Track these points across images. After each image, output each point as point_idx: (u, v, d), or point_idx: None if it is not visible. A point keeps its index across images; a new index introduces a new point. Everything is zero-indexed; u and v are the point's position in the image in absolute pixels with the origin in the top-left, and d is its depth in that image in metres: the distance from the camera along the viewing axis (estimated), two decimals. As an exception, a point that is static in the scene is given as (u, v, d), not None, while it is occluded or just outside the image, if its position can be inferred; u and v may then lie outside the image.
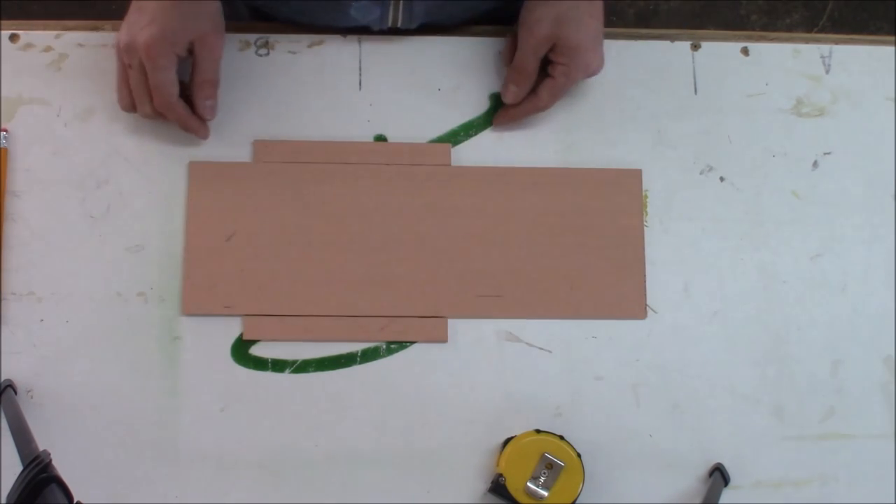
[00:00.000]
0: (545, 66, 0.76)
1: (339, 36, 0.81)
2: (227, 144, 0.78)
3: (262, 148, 0.78)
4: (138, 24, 0.70)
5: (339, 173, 0.78)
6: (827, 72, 0.84)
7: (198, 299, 0.75)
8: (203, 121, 0.76)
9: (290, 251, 0.76)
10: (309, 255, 0.76)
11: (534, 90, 0.76)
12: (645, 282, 0.78)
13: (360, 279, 0.76)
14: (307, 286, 0.75)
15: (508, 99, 0.78)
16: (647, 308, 0.77)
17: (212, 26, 0.72)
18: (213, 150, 0.78)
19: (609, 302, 0.77)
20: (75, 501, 0.56)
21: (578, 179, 0.79)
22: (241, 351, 0.75)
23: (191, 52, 0.72)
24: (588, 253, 0.77)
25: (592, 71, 0.76)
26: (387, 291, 0.76)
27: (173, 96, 0.72)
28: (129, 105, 0.74)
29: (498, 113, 0.79)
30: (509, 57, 0.79)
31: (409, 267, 0.76)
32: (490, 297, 0.76)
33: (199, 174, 0.77)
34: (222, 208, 0.76)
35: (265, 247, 0.76)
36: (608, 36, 0.83)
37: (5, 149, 0.76)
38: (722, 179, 0.81)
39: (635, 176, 0.79)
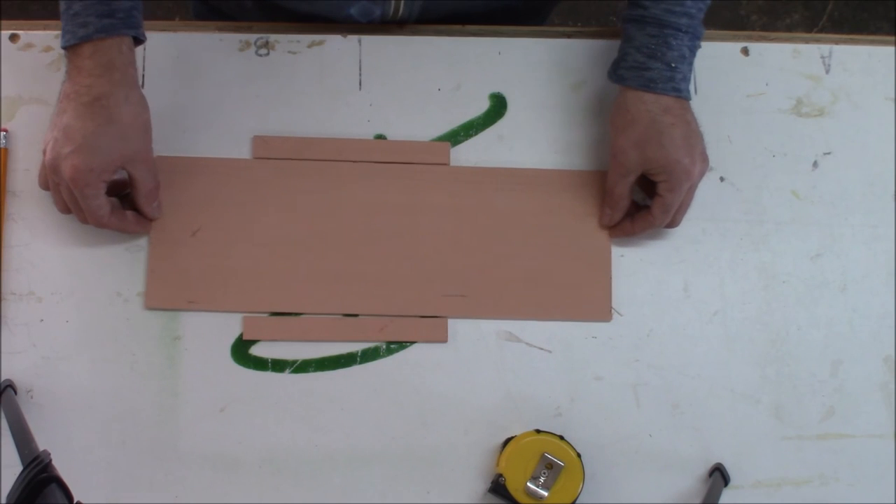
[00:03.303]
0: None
1: (339, 36, 0.81)
2: (228, 144, 0.78)
3: (261, 144, 0.78)
4: (63, 148, 0.67)
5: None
6: (827, 72, 0.84)
7: (162, 293, 0.74)
8: (146, 220, 0.75)
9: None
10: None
11: (647, 207, 0.75)
12: (611, 283, 0.77)
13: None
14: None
15: (604, 222, 0.78)
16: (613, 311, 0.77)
17: (140, 142, 0.70)
18: (214, 149, 0.78)
19: (579, 303, 0.77)
20: (75, 501, 0.56)
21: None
22: (241, 351, 0.75)
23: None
24: (554, 254, 0.77)
25: (695, 176, 0.73)
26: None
27: (105, 216, 0.71)
28: (66, 210, 0.72)
29: (614, 228, 0.78)
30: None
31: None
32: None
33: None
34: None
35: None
36: (609, 36, 0.83)
37: (5, 149, 0.76)
38: (722, 179, 0.81)
39: None
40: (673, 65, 0.71)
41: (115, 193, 0.73)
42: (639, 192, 0.77)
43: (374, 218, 0.77)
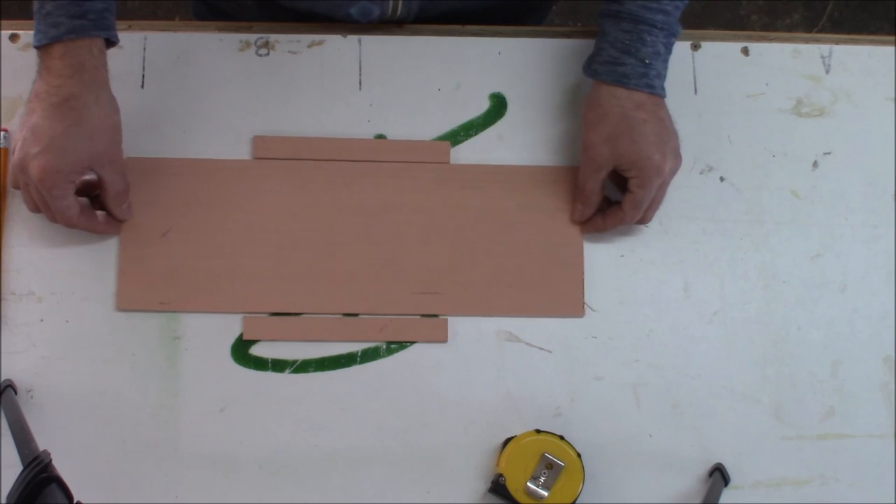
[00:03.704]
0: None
1: (339, 36, 0.81)
2: (228, 144, 0.78)
3: (261, 144, 0.78)
4: (30, 148, 0.67)
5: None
6: (827, 72, 0.84)
7: (132, 295, 0.74)
8: (116, 221, 0.75)
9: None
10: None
11: (618, 203, 0.75)
12: (583, 278, 0.77)
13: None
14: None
15: (575, 217, 0.78)
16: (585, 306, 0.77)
17: (108, 144, 0.70)
18: (214, 149, 0.78)
19: (549, 298, 0.77)
20: (75, 501, 0.56)
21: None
22: (241, 351, 0.75)
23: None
24: (526, 251, 0.77)
25: (666, 172, 0.73)
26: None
27: (74, 217, 0.71)
28: (35, 209, 0.72)
29: (586, 223, 0.78)
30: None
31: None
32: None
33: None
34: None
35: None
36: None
37: (5, 149, 0.76)
38: (722, 179, 0.81)
39: None
40: (647, 61, 0.71)
41: (86, 194, 0.73)
42: (611, 188, 0.77)
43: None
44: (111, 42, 0.70)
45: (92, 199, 0.74)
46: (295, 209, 0.77)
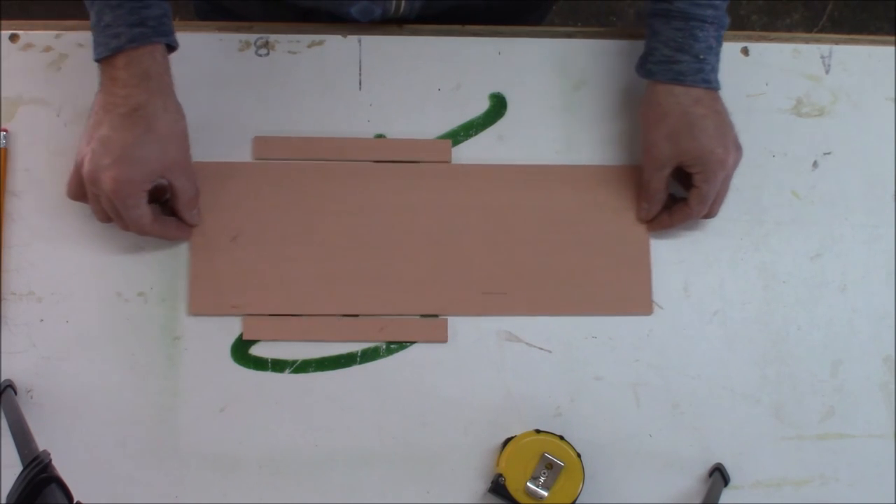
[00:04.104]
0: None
1: (339, 36, 0.81)
2: (228, 144, 0.78)
3: (261, 144, 0.78)
4: (102, 160, 0.67)
5: (338, 170, 0.78)
6: (827, 72, 0.84)
7: (204, 299, 0.75)
8: (187, 226, 0.75)
9: (291, 250, 0.76)
10: (309, 254, 0.76)
11: (685, 199, 0.76)
12: (650, 277, 0.78)
13: (360, 279, 0.76)
14: (307, 286, 0.75)
15: (641, 216, 0.78)
16: (654, 304, 0.77)
17: (178, 151, 0.70)
18: (214, 149, 0.78)
19: (613, 298, 0.77)
20: (75, 501, 0.56)
21: (581, 177, 0.79)
22: (241, 351, 0.75)
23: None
24: (592, 250, 0.77)
25: (730, 165, 0.73)
26: (387, 291, 0.76)
27: (148, 225, 0.71)
28: (106, 219, 0.72)
29: (653, 222, 0.78)
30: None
31: (409, 266, 0.76)
32: (494, 295, 0.76)
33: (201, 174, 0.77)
34: (224, 207, 0.76)
35: (267, 246, 0.76)
36: (609, 36, 0.83)
37: (5, 149, 0.76)
38: (722, 179, 0.81)
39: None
40: (701, 56, 0.72)
41: (155, 200, 0.73)
42: (673, 184, 0.77)
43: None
44: (171, 47, 0.70)
45: (161, 205, 0.74)
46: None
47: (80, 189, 0.71)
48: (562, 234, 0.78)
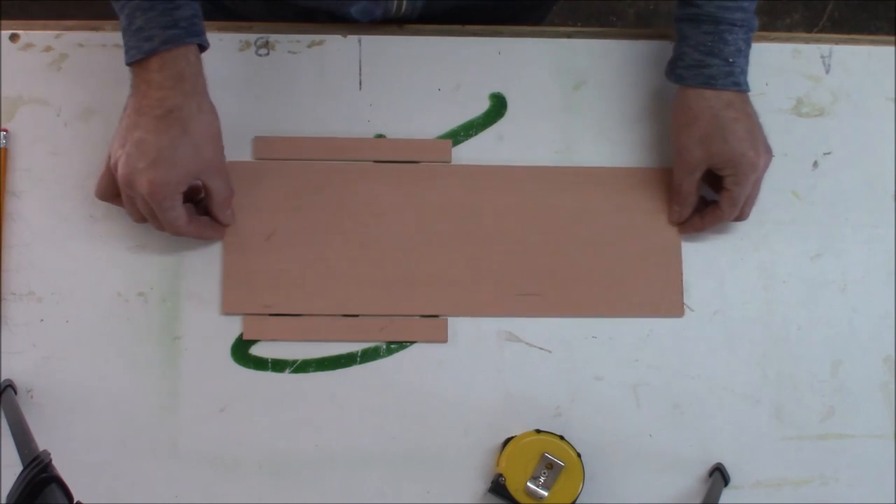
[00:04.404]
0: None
1: (339, 36, 0.81)
2: (228, 144, 0.78)
3: (261, 144, 0.78)
4: (138, 163, 0.66)
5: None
6: (827, 72, 0.84)
7: (237, 298, 0.75)
8: (221, 226, 0.75)
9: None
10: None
11: (716, 202, 0.76)
12: (682, 279, 0.78)
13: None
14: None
15: (673, 219, 0.78)
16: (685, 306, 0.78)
17: (213, 152, 0.70)
18: (213, 150, 0.78)
19: (644, 300, 0.77)
20: (75, 501, 0.56)
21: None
22: (241, 351, 0.75)
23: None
24: (610, 251, 0.78)
25: (761, 167, 0.73)
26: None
27: (183, 227, 0.71)
28: (141, 220, 0.72)
29: (685, 224, 0.78)
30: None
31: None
32: (529, 296, 0.76)
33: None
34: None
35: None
36: (610, 36, 0.83)
37: (5, 149, 0.76)
38: (722, 179, 0.81)
39: (664, 174, 0.79)
40: (731, 60, 0.72)
41: (190, 200, 0.73)
42: (704, 188, 0.77)
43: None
44: (203, 47, 0.70)
45: (195, 204, 0.74)
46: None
47: (111, 190, 0.71)
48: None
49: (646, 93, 0.81)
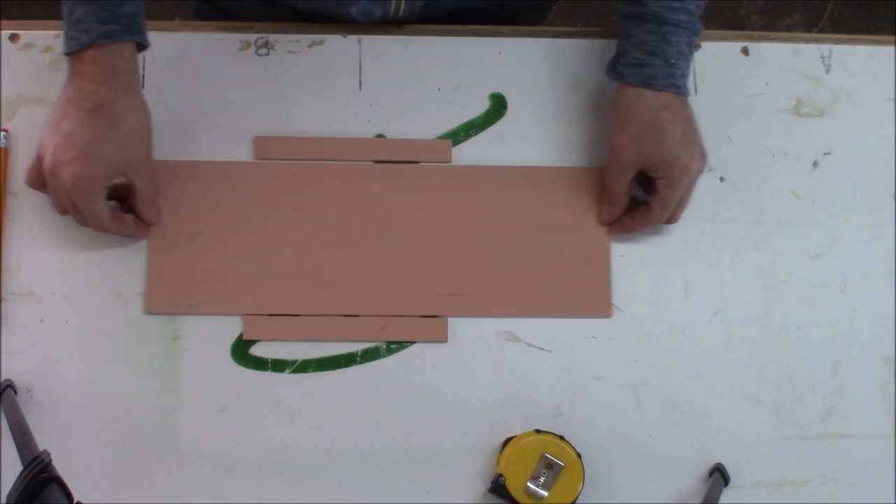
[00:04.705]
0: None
1: (339, 36, 0.81)
2: (228, 144, 0.78)
3: (261, 144, 0.78)
4: (63, 155, 0.67)
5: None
6: (827, 72, 0.84)
7: (162, 297, 0.74)
8: (146, 224, 0.75)
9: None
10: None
11: (646, 204, 0.76)
12: (610, 279, 0.77)
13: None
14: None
15: (603, 218, 0.78)
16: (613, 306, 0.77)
17: (141, 149, 0.70)
18: (214, 149, 0.78)
19: (573, 300, 0.77)
20: (75, 501, 0.56)
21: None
22: (241, 351, 0.75)
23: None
24: (568, 251, 0.77)
25: (694, 172, 0.73)
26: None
27: (106, 221, 0.71)
28: (64, 212, 0.72)
29: (614, 224, 0.78)
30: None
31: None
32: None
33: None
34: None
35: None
36: (609, 36, 0.83)
37: (5, 149, 0.76)
38: (722, 179, 0.81)
39: None
40: (672, 61, 0.71)
41: (116, 197, 0.73)
42: (637, 189, 0.77)
43: (375, 217, 0.77)
44: (142, 46, 0.70)
45: (120, 201, 0.74)
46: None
47: (40, 179, 0.71)
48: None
49: (646, 93, 0.81)
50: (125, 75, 0.68)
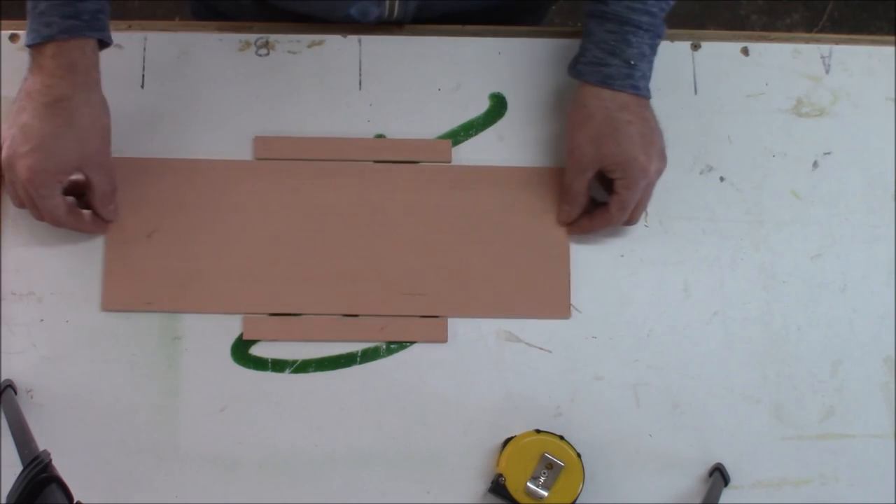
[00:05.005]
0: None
1: (339, 36, 0.81)
2: (228, 144, 0.78)
3: (262, 144, 0.78)
4: (19, 147, 0.67)
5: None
6: (827, 72, 0.84)
7: (118, 295, 0.74)
8: (103, 221, 0.74)
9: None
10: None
11: (605, 205, 0.75)
12: (569, 280, 0.77)
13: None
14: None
15: (561, 218, 0.77)
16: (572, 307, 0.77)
17: (97, 145, 0.70)
18: (214, 149, 0.78)
19: (535, 300, 0.76)
20: (75, 501, 0.56)
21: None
22: (241, 351, 0.75)
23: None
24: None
25: (652, 173, 0.73)
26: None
27: (61, 216, 0.71)
28: (21, 205, 0.72)
29: (573, 225, 0.77)
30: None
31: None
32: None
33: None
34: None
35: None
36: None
37: (5, 149, 0.76)
38: (722, 179, 0.81)
39: None
40: (632, 62, 0.71)
41: (74, 193, 0.73)
42: (598, 189, 0.77)
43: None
44: (104, 43, 0.70)
45: (79, 197, 0.74)
46: (295, 209, 0.77)
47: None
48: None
49: (646, 93, 0.81)
50: (84, 72, 0.68)
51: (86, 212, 0.74)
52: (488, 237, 0.77)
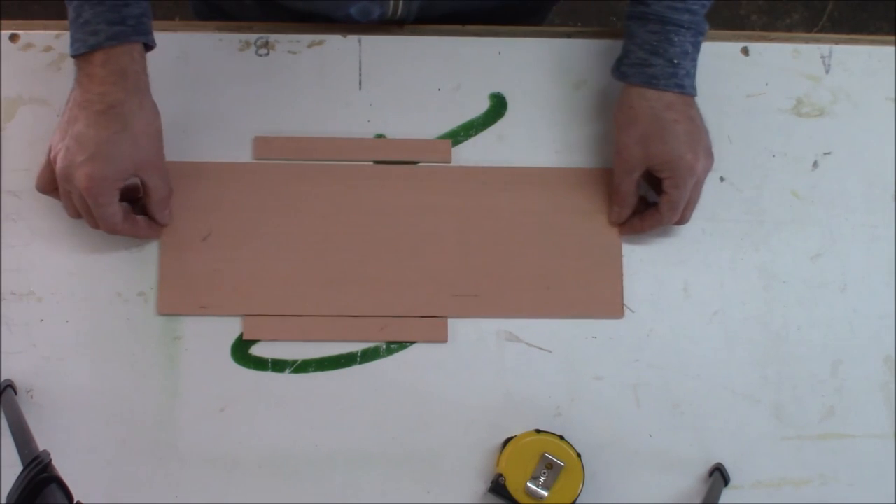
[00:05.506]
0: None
1: (339, 36, 0.81)
2: (228, 144, 0.78)
3: (262, 144, 0.78)
4: (76, 157, 0.67)
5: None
6: (827, 72, 0.84)
7: (173, 299, 0.74)
8: (157, 226, 0.75)
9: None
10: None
11: (657, 205, 0.75)
12: (622, 281, 0.77)
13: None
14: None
15: (612, 219, 0.78)
16: (625, 308, 0.77)
17: (153, 149, 0.70)
18: (214, 149, 0.78)
19: (589, 300, 0.77)
20: (75, 501, 0.56)
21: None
22: (241, 351, 0.75)
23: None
24: (571, 252, 0.77)
25: (700, 171, 0.73)
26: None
27: (118, 224, 0.71)
28: (76, 216, 0.72)
29: (624, 225, 0.78)
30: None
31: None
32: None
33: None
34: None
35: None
36: (609, 36, 0.83)
37: None
38: (722, 179, 0.81)
39: None
40: (675, 61, 0.71)
41: (128, 199, 0.73)
42: (649, 190, 0.77)
43: (375, 217, 0.77)
44: (149, 47, 0.70)
45: (131, 203, 0.74)
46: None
47: (51, 184, 0.71)
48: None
49: (646, 93, 0.81)
50: (135, 76, 0.68)
51: (140, 217, 0.74)
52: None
